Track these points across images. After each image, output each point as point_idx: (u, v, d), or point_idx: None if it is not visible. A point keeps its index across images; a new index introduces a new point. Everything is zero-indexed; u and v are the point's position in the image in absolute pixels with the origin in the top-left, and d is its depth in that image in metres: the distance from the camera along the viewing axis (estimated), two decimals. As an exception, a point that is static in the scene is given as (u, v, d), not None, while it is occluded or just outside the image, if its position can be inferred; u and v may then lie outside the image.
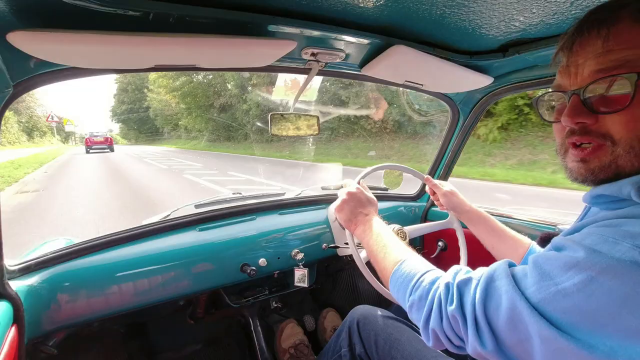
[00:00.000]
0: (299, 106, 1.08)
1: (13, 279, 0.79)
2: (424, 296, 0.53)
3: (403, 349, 0.83)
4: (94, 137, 22.08)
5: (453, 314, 0.47)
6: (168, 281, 1.00)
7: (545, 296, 0.39)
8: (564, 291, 0.38)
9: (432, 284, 0.53)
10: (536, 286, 0.40)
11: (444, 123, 1.41)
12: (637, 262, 0.34)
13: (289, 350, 1.33)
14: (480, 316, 0.44)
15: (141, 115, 40.57)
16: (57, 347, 0.92)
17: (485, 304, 0.44)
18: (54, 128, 31.36)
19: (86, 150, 21.15)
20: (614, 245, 0.37)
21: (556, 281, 0.39)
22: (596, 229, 0.41)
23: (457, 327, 0.47)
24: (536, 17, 0.70)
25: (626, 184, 0.41)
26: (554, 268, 0.40)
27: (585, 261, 0.37)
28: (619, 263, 0.35)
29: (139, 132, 44.86)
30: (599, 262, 0.36)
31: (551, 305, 0.38)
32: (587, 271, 0.37)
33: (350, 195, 0.86)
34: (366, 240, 0.77)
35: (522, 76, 1.06)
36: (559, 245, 0.42)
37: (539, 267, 0.41)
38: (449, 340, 0.50)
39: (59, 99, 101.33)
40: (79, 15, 0.58)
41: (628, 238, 0.36)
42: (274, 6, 0.66)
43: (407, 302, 0.57)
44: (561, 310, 0.38)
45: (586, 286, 0.36)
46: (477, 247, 0.96)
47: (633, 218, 0.39)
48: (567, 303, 0.37)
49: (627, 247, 0.35)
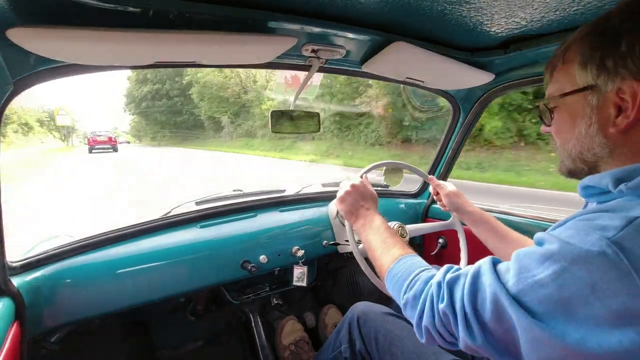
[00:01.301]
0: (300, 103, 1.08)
1: (15, 276, 0.79)
2: (417, 295, 0.55)
3: (403, 346, 0.83)
4: (97, 136, 21.13)
5: (444, 311, 0.49)
6: (169, 278, 1.00)
7: (523, 287, 0.42)
8: (540, 282, 0.40)
9: (426, 283, 0.55)
10: (516, 278, 0.43)
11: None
12: (605, 252, 0.37)
13: (289, 347, 1.33)
14: (469, 311, 0.46)
15: (174, 101, 27.56)
16: (59, 344, 0.92)
17: (472, 299, 0.47)
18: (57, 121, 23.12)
19: (89, 150, 20.22)
20: (585, 236, 0.39)
21: (533, 273, 0.41)
22: (573, 223, 0.43)
23: (448, 323, 0.49)
24: (538, 13, 0.70)
25: (605, 176, 0.47)
26: (532, 261, 0.42)
27: (558, 253, 0.40)
28: (588, 253, 0.38)
29: (169, 126, 29.52)
30: (571, 252, 0.39)
31: (528, 296, 0.41)
32: (560, 262, 0.39)
33: (353, 187, 0.86)
34: (365, 234, 0.77)
35: (524, 73, 1.05)
36: (540, 239, 0.45)
37: (519, 261, 0.44)
38: (441, 337, 0.52)
39: (56, 95, 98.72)
40: (79, 11, 0.58)
41: (598, 230, 0.39)
42: (275, 3, 0.66)
43: (402, 300, 0.58)
44: (538, 300, 0.40)
45: (559, 276, 0.39)
46: (478, 246, 0.96)
47: (607, 212, 0.41)
48: (543, 293, 0.40)
49: (596, 238, 0.38)
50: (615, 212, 0.41)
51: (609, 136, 0.47)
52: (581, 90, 0.49)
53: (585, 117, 0.49)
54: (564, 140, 0.54)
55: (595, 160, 0.51)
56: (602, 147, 0.49)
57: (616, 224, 0.38)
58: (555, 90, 0.54)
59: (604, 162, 0.50)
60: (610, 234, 0.38)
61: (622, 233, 0.37)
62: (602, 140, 0.48)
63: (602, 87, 0.47)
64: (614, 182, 0.45)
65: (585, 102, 0.49)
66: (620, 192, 0.44)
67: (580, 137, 0.51)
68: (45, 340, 0.89)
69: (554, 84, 0.55)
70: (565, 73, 0.52)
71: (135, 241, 1.00)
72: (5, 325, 0.67)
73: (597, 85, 0.47)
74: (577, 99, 0.50)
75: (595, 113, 0.48)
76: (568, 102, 0.52)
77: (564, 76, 0.52)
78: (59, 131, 30.64)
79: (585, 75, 0.48)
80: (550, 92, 0.56)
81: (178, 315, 1.38)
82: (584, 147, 0.51)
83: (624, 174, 0.45)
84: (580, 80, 0.49)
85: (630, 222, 0.38)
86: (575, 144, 0.52)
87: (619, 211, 0.41)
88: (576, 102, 0.50)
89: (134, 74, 29.35)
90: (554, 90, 0.55)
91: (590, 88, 0.48)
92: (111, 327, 1.21)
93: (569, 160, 0.55)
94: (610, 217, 0.40)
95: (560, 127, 0.55)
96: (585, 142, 0.50)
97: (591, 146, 0.50)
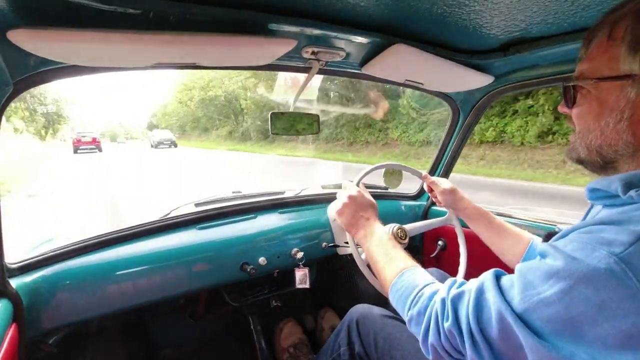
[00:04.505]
0: (299, 104, 1.08)
1: (13, 277, 0.79)
2: (422, 312, 0.54)
3: (402, 348, 0.83)
4: (82, 137, 21.64)
5: (450, 329, 0.48)
6: (168, 280, 1.00)
7: (529, 305, 0.40)
8: (546, 300, 0.39)
9: (430, 299, 0.54)
10: (521, 296, 0.41)
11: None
12: (612, 269, 0.35)
13: (288, 349, 1.33)
14: (475, 329, 0.45)
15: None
16: (57, 346, 0.92)
17: (478, 317, 0.45)
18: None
19: (74, 151, 20.53)
20: (591, 252, 0.37)
21: (538, 290, 0.40)
22: (577, 235, 0.41)
23: (454, 341, 0.48)
24: (537, 16, 0.70)
25: (615, 180, 0.44)
26: (536, 277, 0.41)
27: (564, 269, 0.38)
28: (595, 271, 0.36)
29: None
30: (577, 270, 0.37)
31: (534, 315, 0.39)
32: (566, 280, 0.38)
33: (351, 198, 0.85)
34: (367, 246, 0.76)
35: (523, 75, 1.06)
36: (543, 252, 0.43)
37: (524, 277, 0.43)
38: (449, 354, 0.50)
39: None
40: (79, 13, 0.58)
41: (605, 245, 0.37)
42: (275, 4, 0.66)
43: (406, 316, 0.57)
44: (544, 319, 0.38)
45: (565, 295, 0.37)
46: (477, 246, 0.96)
47: (612, 225, 0.39)
48: (549, 312, 0.38)
49: (604, 255, 0.36)
50: (622, 225, 0.38)
51: (638, 135, 0.43)
52: (621, 79, 0.43)
53: (616, 110, 0.44)
54: (586, 129, 0.48)
55: (614, 157, 0.46)
56: (627, 146, 0.44)
57: (624, 239, 0.36)
58: (588, 70, 0.47)
59: (622, 161, 0.46)
60: (618, 250, 0.36)
61: (630, 250, 0.35)
62: (628, 139, 0.44)
63: None
64: (623, 186, 0.42)
65: (622, 92, 0.43)
66: (630, 198, 0.41)
67: (606, 130, 0.45)
68: (43, 342, 0.89)
69: (589, 62, 0.47)
70: (607, 52, 0.44)
71: (134, 243, 0.99)
72: (3, 327, 0.67)
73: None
74: (612, 87, 0.44)
75: (629, 107, 0.43)
76: (601, 87, 0.45)
77: (605, 55, 0.44)
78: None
79: (632, 61, 0.41)
80: (582, 69, 0.48)
81: (177, 317, 1.38)
82: (606, 142, 0.46)
83: (634, 179, 0.42)
84: (624, 67, 0.42)
85: (639, 237, 0.36)
86: (598, 136, 0.46)
87: (626, 224, 0.38)
88: (610, 90, 0.44)
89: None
90: (587, 69, 0.47)
91: (632, 77, 0.42)
92: (110, 328, 1.21)
93: (585, 150, 0.49)
94: (617, 230, 0.38)
95: (585, 114, 0.48)
96: (610, 137, 0.45)
97: (615, 142, 0.45)
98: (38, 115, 25.36)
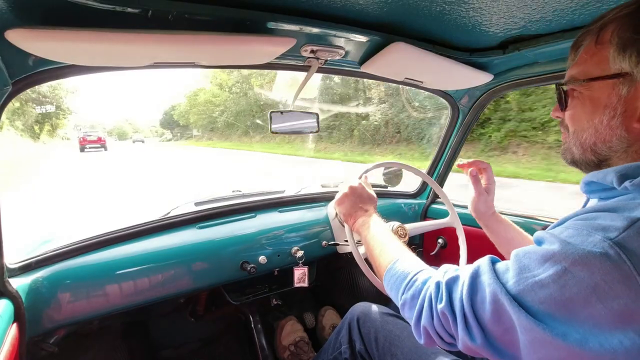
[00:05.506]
0: (299, 103, 1.08)
1: (14, 277, 0.79)
2: (415, 295, 0.54)
3: (403, 346, 0.83)
4: (87, 136, 22.24)
5: (443, 311, 0.49)
6: (168, 279, 1.00)
7: (524, 288, 0.41)
8: (541, 282, 0.40)
9: (424, 283, 0.54)
10: (516, 278, 0.42)
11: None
12: (607, 253, 0.36)
13: (289, 348, 1.33)
14: (468, 311, 0.46)
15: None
16: (58, 345, 0.92)
17: (472, 299, 0.46)
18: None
19: (80, 149, 21.07)
20: (587, 237, 0.39)
21: (534, 273, 0.41)
22: (574, 222, 0.43)
23: (447, 324, 0.49)
24: (536, 13, 0.70)
25: (610, 172, 0.45)
26: (532, 261, 0.42)
27: (559, 253, 0.39)
28: (590, 254, 0.37)
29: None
30: (572, 253, 0.38)
31: (529, 296, 0.40)
32: (561, 262, 0.39)
33: (351, 189, 0.85)
34: (364, 236, 0.77)
35: (522, 73, 1.06)
36: (539, 238, 0.44)
37: (519, 261, 0.43)
38: (440, 337, 0.51)
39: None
40: (78, 12, 0.58)
41: (600, 231, 0.38)
42: (274, 3, 0.66)
43: (399, 300, 0.58)
44: (538, 301, 0.40)
45: (560, 277, 0.38)
46: (477, 245, 0.96)
47: (608, 212, 0.41)
48: (544, 294, 0.39)
49: (599, 239, 0.37)
50: (617, 211, 0.40)
51: (631, 130, 0.45)
52: (611, 77, 0.45)
53: (609, 107, 0.46)
54: (579, 128, 0.50)
55: (608, 153, 0.48)
56: (620, 141, 0.46)
57: (618, 224, 0.38)
58: (579, 72, 0.49)
59: (616, 157, 0.48)
60: (613, 234, 0.37)
61: (624, 234, 0.37)
62: (622, 134, 0.45)
63: (638, 76, 0.43)
64: (618, 178, 0.44)
65: (613, 90, 0.45)
66: (625, 189, 0.43)
67: (600, 127, 0.47)
68: (44, 341, 0.89)
69: (579, 65, 0.49)
70: (596, 55, 0.47)
71: (134, 242, 1.00)
72: (4, 326, 0.67)
73: (633, 73, 0.43)
74: (604, 85, 0.46)
75: (622, 104, 0.44)
76: (593, 87, 0.47)
77: (594, 58, 0.47)
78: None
79: (621, 60, 0.44)
80: (573, 73, 0.50)
81: (178, 316, 1.38)
82: (600, 139, 0.48)
83: (629, 171, 0.43)
84: (614, 66, 0.44)
85: (633, 222, 0.37)
86: (592, 134, 0.48)
87: (621, 211, 0.40)
88: (602, 89, 0.46)
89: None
90: (578, 72, 0.49)
91: (622, 76, 0.44)
92: (110, 328, 1.21)
93: (579, 149, 0.51)
94: (612, 217, 0.39)
95: (578, 114, 0.50)
96: (604, 133, 0.47)
97: (609, 139, 0.47)
98: (29, 107, 21.42)
